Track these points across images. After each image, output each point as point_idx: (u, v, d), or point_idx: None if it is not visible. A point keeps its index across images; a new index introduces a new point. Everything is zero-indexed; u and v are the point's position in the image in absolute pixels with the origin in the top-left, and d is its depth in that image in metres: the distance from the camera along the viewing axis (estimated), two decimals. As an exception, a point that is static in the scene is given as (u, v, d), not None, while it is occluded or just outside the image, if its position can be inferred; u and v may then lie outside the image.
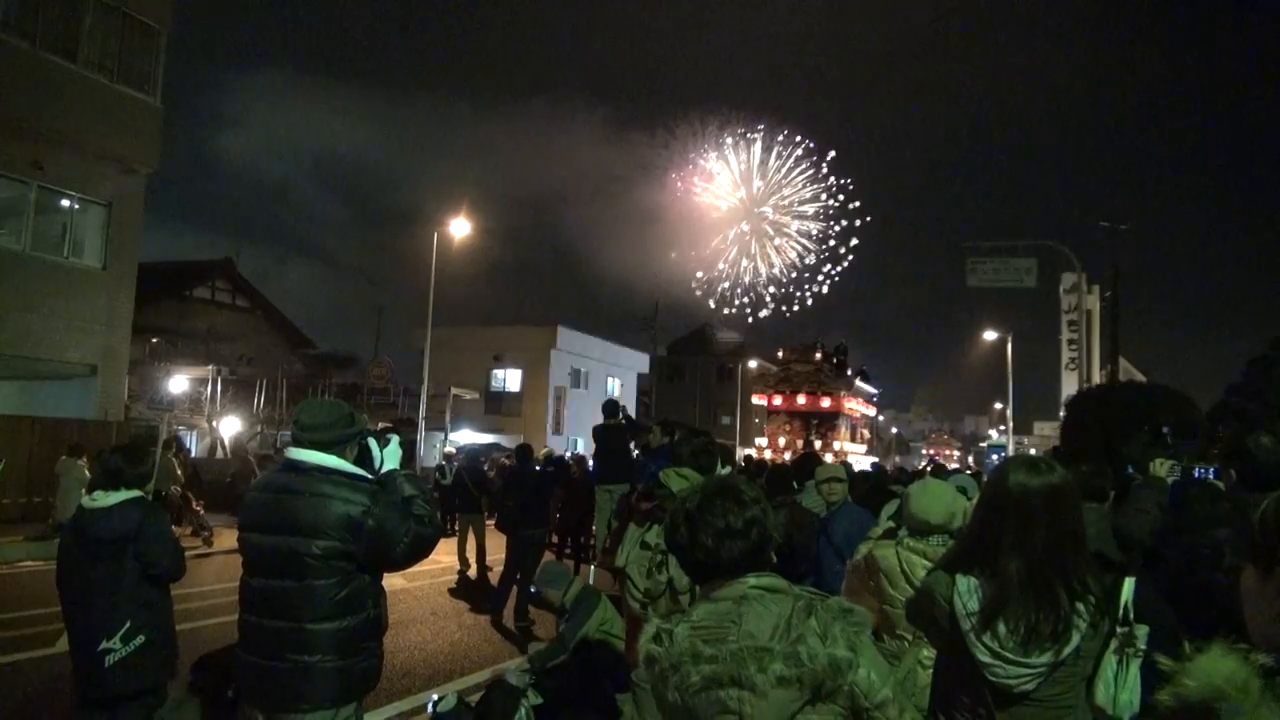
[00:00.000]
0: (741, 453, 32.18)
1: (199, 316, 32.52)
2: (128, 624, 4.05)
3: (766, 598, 2.00)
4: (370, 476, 3.28)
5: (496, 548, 11.78)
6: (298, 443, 3.22)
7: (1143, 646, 2.75)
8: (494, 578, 11.43)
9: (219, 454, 25.03)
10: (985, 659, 2.21)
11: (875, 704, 1.90)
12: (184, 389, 25.33)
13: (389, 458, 3.41)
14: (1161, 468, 4.43)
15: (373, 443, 3.42)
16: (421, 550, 3.19)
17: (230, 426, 26.48)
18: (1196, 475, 4.46)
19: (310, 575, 3.02)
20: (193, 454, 23.50)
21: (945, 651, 2.32)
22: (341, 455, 3.20)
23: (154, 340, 28.47)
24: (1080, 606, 2.22)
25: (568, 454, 19.92)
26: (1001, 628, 2.19)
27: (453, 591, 11.84)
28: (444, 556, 15.33)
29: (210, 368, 26.39)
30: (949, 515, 3.68)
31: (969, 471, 14.32)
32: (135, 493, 4.27)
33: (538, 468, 12.93)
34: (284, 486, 3.16)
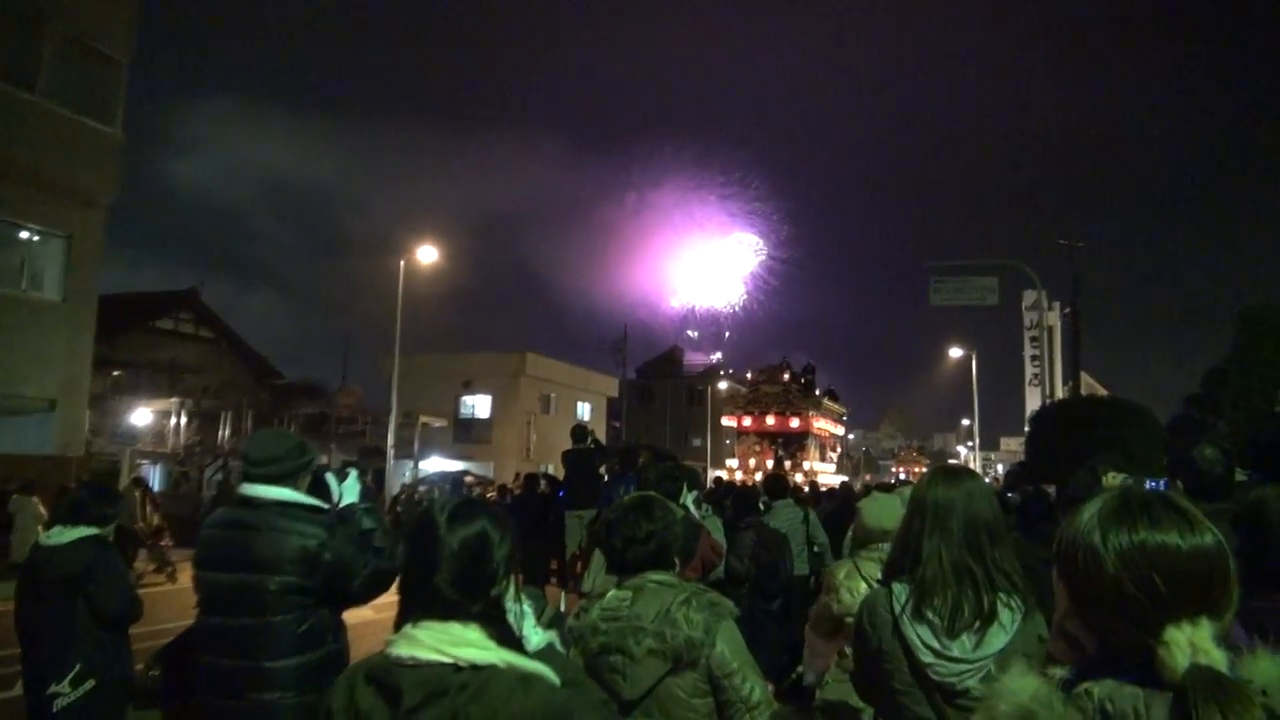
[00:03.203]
0: (712, 474, 32.20)
1: (163, 348, 32.06)
2: (78, 667, 3.92)
3: (658, 590, 2.59)
4: (326, 507, 3.26)
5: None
6: (250, 478, 3.18)
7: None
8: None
9: (183, 487, 24.65)
10: (927, 659, 2.28)
11: (725, 674, 2.49)
12: (147, 422, 24.96)
13: (347, 492, 3.39)
14: (1114, 480, 4.53)
15: (331, 478, 3.40)
16: (381, 584, 3.15)
17: (195, 460, 26.11)
18: (1149, 487, 4.55)
19: (268, 612, 2.99)
20: (155, 487, 23.13)
21: (887, 662, 2.38)
22: (295, 487, 3.19)
23: (116, 373, 28.02)
24: (1004, 597, 2.32)
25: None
26: (929, 614, 2.30)
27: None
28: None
29: (174, 400, 26.03)
30: (898, 519, 3.80)
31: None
32: (92, 530, 4.15)
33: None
34: (239, 522, 3.12)
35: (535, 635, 1.98)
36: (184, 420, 25.76)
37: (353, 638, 3.25)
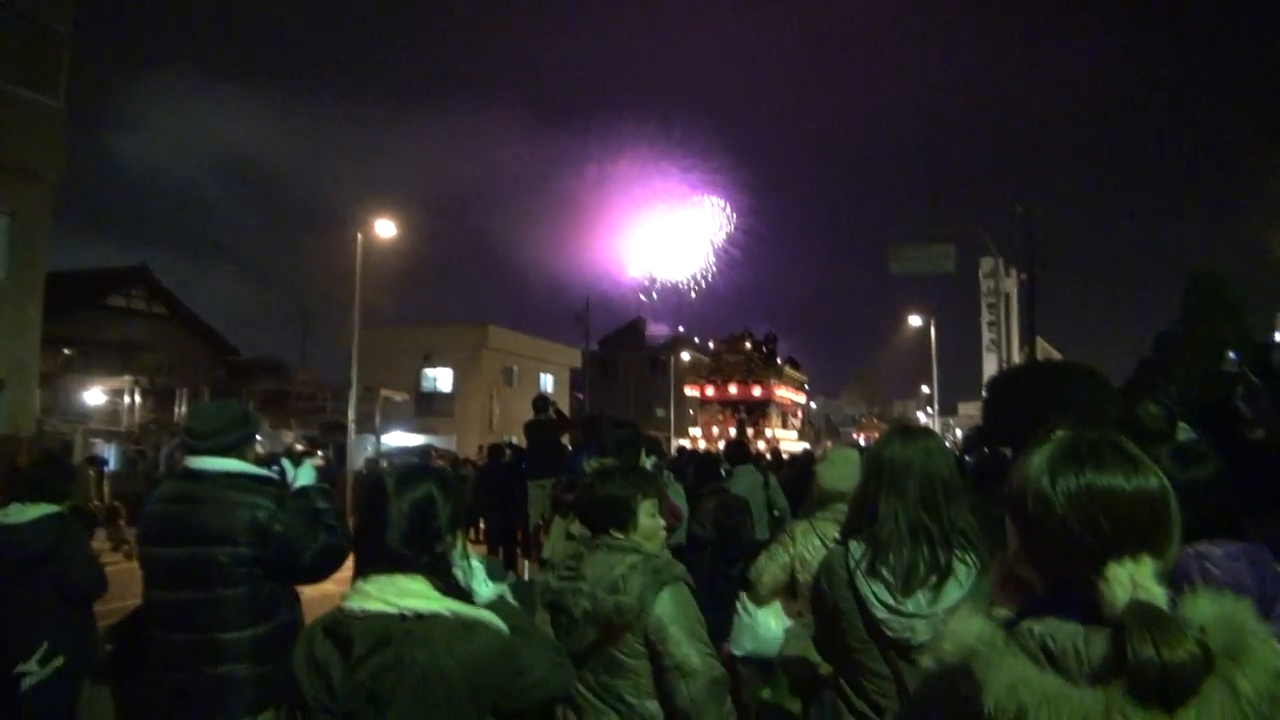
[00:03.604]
0: (676, 443, 32.37)
1: (114, 326, 31.40)
2: (45, 645, 3.88)
3: (609, 552, 2.67)
4: (275, 478, 3.24)
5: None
6: (194, 451, 3.14)
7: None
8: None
9: (139, 466, 24.28)
10: (881, 614, 2.31)
11: (659, 639, 2.52)
12: (100, 401, 24.50)
13: (302, 475, 3.37)
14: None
15: (286, 463, 3.39)
16: (330, 560, 3.13)
17: (151, 439, 25.70)
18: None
19: (219, 584, 2.96)
20: (110, 466, 22.77)
21: (843, 620, 2.41)
22: (241, 458, 3.15)
23: (67, 351, 27.44)
24: (960, 554, 2.35)
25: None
26: (884, 572, 2.32)
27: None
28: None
29: (127, 378, 25.55)
30: (845, 478, 3.89)
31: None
32: (53, 508, 4.07)
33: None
34: (186, 496, 3.08)
35: (485, 588, 2.04)
36: (138, 398, 25.32)
37: (316, 611, 3.23)
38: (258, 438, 3.40)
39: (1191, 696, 1.06)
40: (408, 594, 1.83)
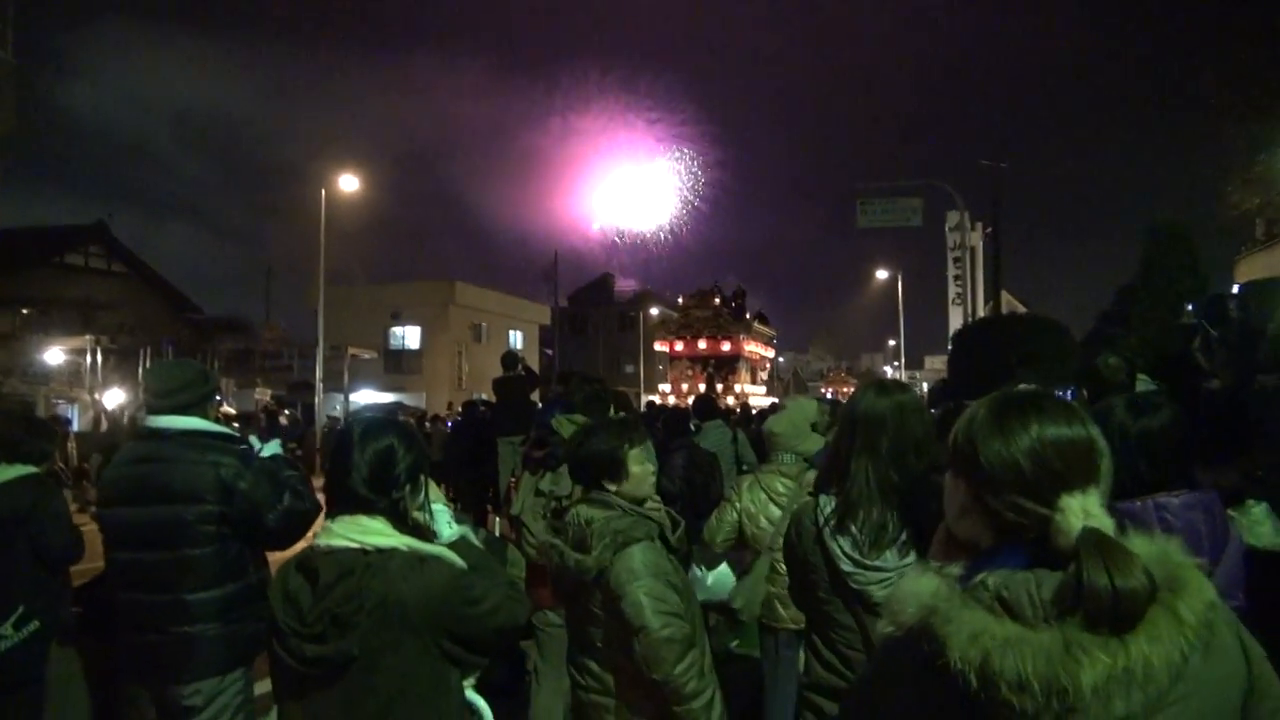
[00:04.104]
0: (645, 399, 32.47)
1: (73, 284, 30.78)
2: (20, 609, 3.83)
3: (588, 507, 2.77)
4: (237, 436, 3.22)
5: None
6: (155, 410, 3.10)
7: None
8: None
9: (103, 427, 23.97)
10: (847, 568, 2.34)
11: (617, 597, 2.61)
12: (60, 361, 24.08)
13: (268, 448, 3.36)
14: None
15: (254, 438, 3.39)
16: (294, 524, 3.12)
17: (114, 398, 25.35)
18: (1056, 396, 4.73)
19: (185, 544, 2.95)
20: (74, 428, 22.46)
21: (812, 572, 2.45)
22: (202, 416, 3.12)
23: (24, 311, 26.89)
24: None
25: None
26: (853, 529, 2.35)
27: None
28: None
29: (88, 338, 25.10)
30: (794, 429, 4.06)
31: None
32: (30, 469, 3.95)
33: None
34: (150, 455, 3.05)
35: (447, 529, 2.23)
36: (100, 358, 24.91)
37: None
38: (220, 397, 3.37)
39: (1139, 622, 1.14)
40: (370, 532, 2.03)
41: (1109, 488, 1.33)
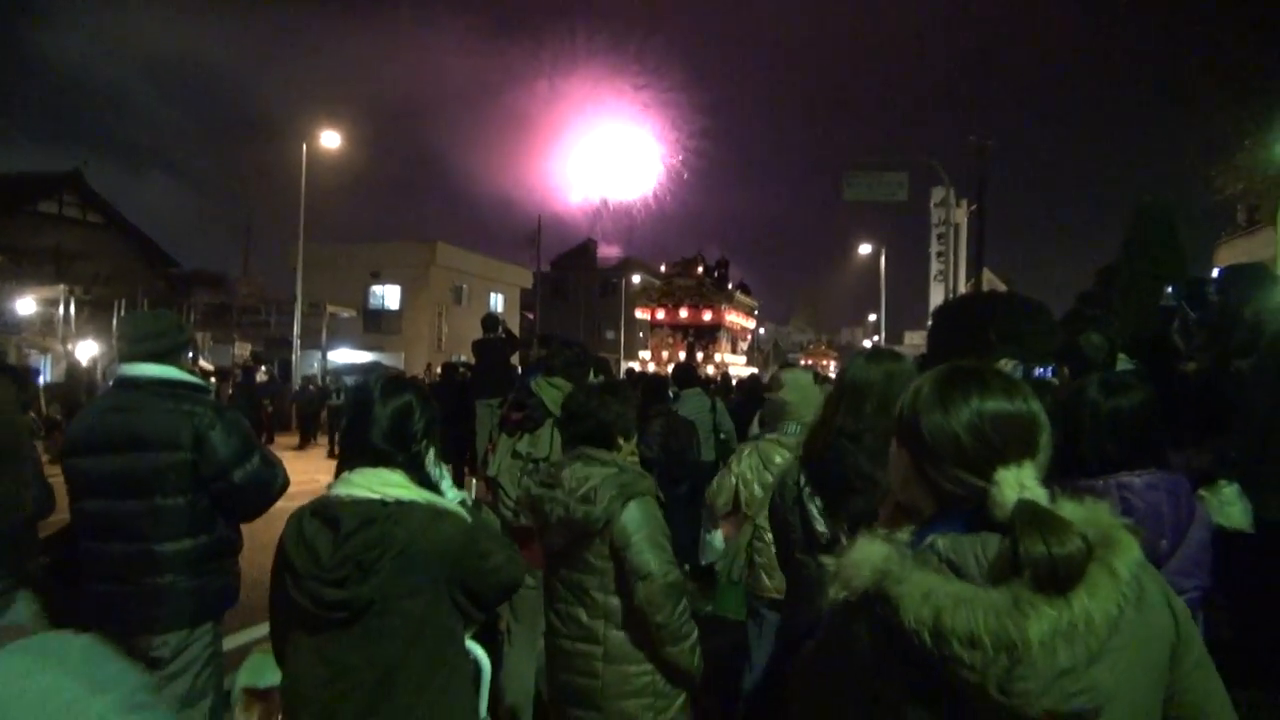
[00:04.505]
0: (625, 366, 32.48)
1: (46, 233, 30.27)
2: None
3: (587, 464, 2.89)
4: (210, 388, 3.18)
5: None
6: (130, 357, 3.05)
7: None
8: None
9: (74, 378, 23.71)
10: (821, 528, 2.37)
11: (622, 546, 2.75)
12: (33, 310, 23.74)
13: (452, 494, 3.41)
14: (1005, 367, 4.72)
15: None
16: (260, 490, 3.10)
17: (88, 349, 25.06)
18: (1036, 374, 4.76)
19: (156, 493, 2.91)
20: (46, 379, 22.20)
21: (790, 532, 2.47)
22: (177, 365, 3.08)
23: (-3, 259, 26.45)
24: None
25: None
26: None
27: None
28: (322, 475, 15.12)
29: (61, 287, 24.73)
30: (804, 399, 4.09)
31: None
32: None
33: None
34: (123, 405, 3.00)
35: (450, 493, 2.34)
36: (73, 309, 24.58)
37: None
38: (195, 351, 3.32)
39: (1079, 581, 1.21)
40: (389, 484, 2.13)
41: (1048, 460, 1.36)
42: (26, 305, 23.32)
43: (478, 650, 2.33)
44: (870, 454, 2.27)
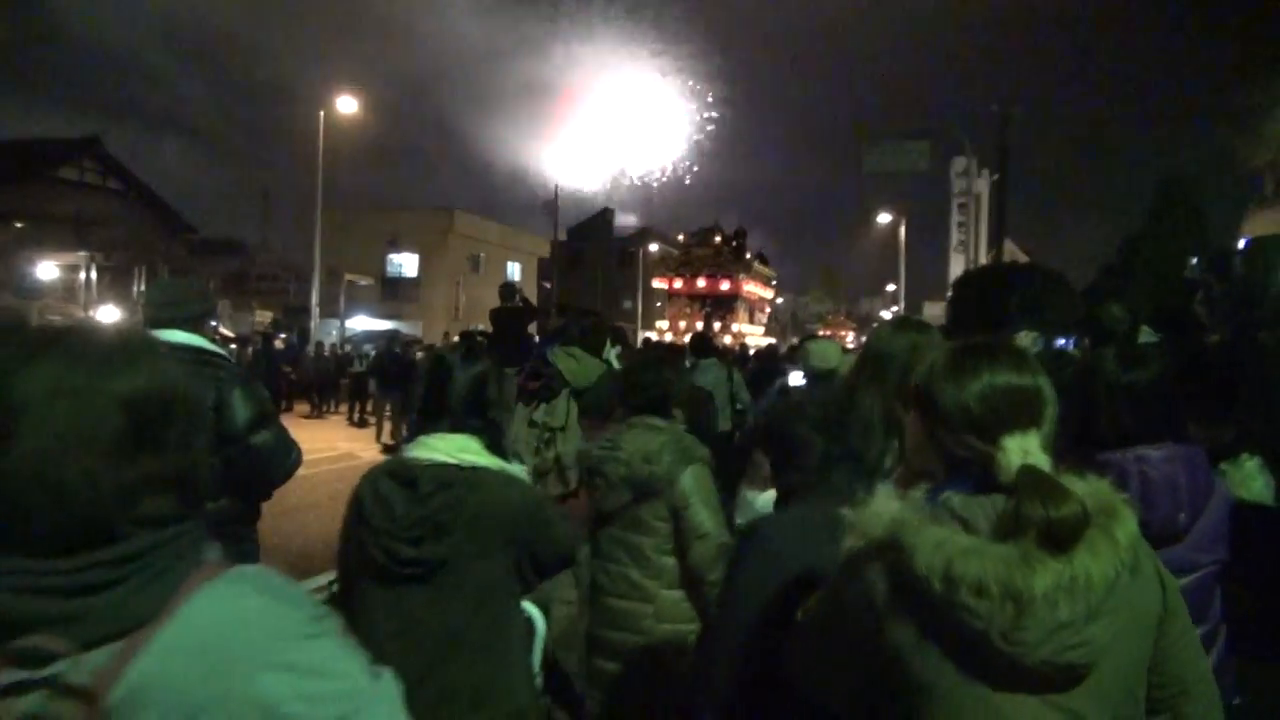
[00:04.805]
0: (642, 335, 32.47)
1: (66, 199, 30.38)
2: None
3: (646, 431, 3.08)
4: (231, 359, 3.22)
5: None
6: (157, 323, 3.06)
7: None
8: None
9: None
10: None
11: (681, 507, 2.93)
12: (54, 276, 23.93)
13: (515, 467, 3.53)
14: (1025, 339, 4.67)
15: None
16: (276, 459, 3.13)
17: (108, 315, 25.27)
18: (1058, 345, 4.71)
19: None
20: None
21: None
22: (201, 334, 3.10)
23: (18, 225, 26.61)
24: None
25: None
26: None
27: (355, 476, 11.85)
28: (341, 443, 15.25)
29: (82, 254, 24.90)
30: (840, 359, 4.50)
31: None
32: None
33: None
34: None
35: (514, 465, 2.46)
36: (94, 275, 24.77)
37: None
38: (216, 320, 3.37)
39: (1078, 542, 1.31)
40: (466, 450, 2.26)
41: (1053, 431, 1.47)
42: (48, 271, 23.51)
43: (532, 610, 2.43)
44: (814, 424, 2.25)
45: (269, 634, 1.09)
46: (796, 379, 7.19)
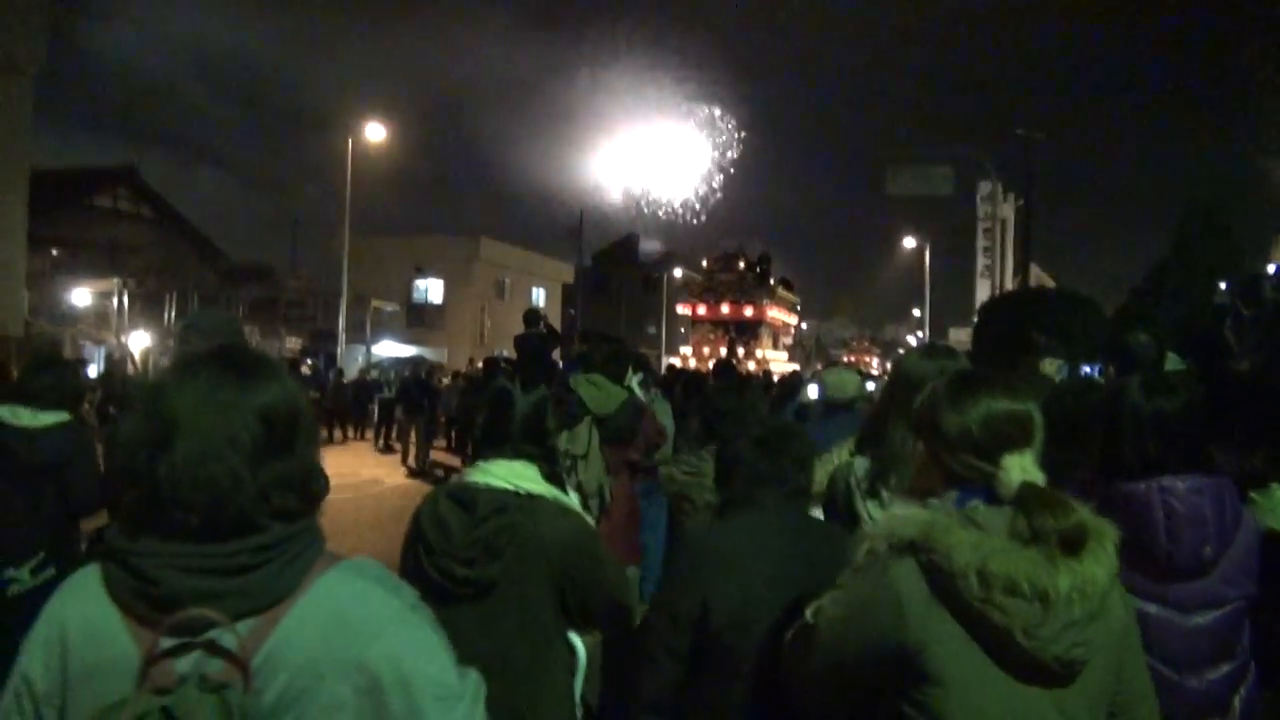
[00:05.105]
0: (667, 361, 32.45)
1: (101, 227, 30.98)
2: (41, 555, 3.81)
3: None
4: None
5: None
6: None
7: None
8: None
9: (129, 369, 24.25)
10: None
11: None
12: (88, 302, 24.33)
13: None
14: (1050, 366, 4.65)
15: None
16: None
17: (140, 341, 25.62)
18: (1083, 372, 4.68)
19: None
20: (100, 370, 22.73)
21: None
22: None
23: (54, 252, 27.12)
24: None
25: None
26: (884, 493, 2.35)
27: (378, 501, 11.87)
28: (365, 470, 15.33)
29: (115, 280, 25.29)
30: (858, 389, 4.52)
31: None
32: (65, 414, 3.92)
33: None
34: None
35: (571, 496, 2.56)
36: (126, 301, 25.14)
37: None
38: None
39: (1083, 548, 1.44)
40: (523, 477, 2.34)
41: (1041, 448, 1.62)
42: (82, 297, 23.90)
43: (576, 640, 2.45)
44: (754, 442, 2.48)
45: (379, 613, 1.28)
46: (811, 395, 7.23)
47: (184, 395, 1.26)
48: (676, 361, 29.39)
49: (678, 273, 48.53)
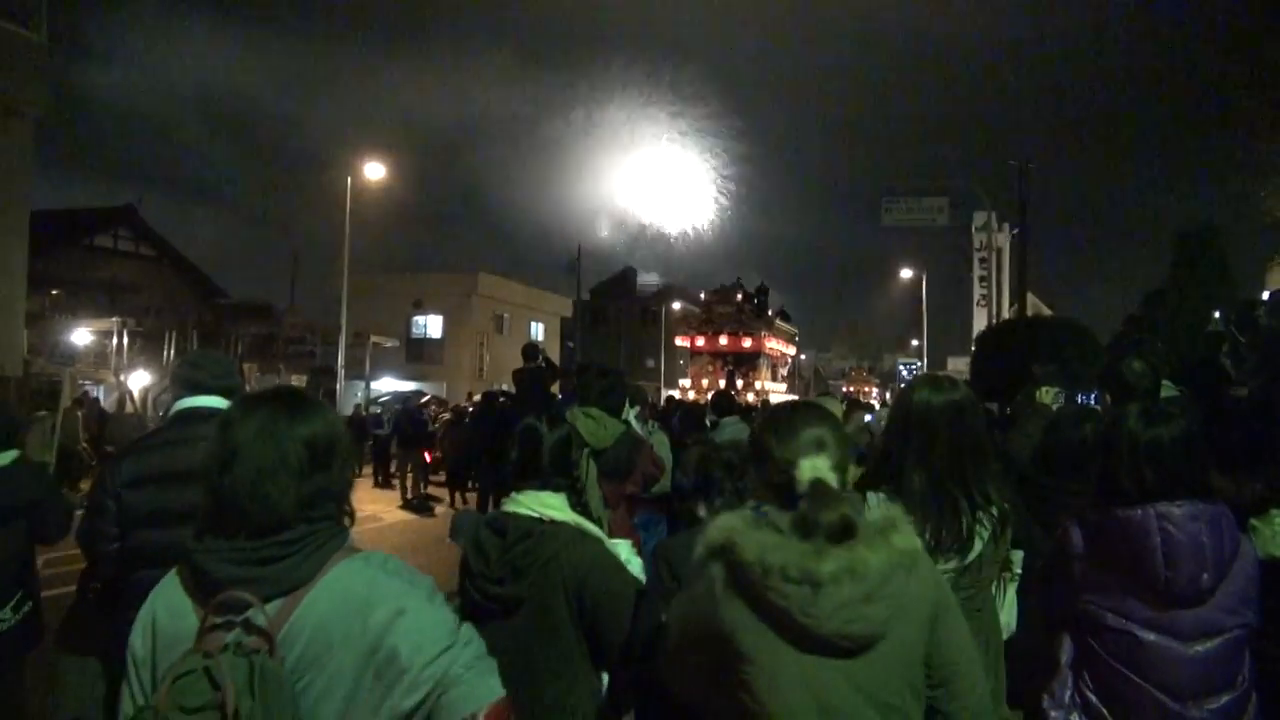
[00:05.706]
0: (665, 393, 32.41)
1: (101, 266, 31.09)
2: (19, 593, 3.80)
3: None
4: None
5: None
6: (203, 389, 3.15)
7: (1018, 570, 2.92)
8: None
9: (128, 408, 24.21)
10: None
11: None
12: (88, 341, 24.34)
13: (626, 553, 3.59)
14: (1047, 395, 4.66)
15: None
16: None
17: (139, 380, 25.59)
18: (1080, 400, 4.69)
19: None
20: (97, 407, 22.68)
21: None
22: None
23: (54, 292, 27.16)
24: (982, 516, 2.39)
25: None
26: None
27: (379, 536, 11.83)
28: (366, 505, 15.27)
29: (115, 320, 25.32)
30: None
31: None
32: (16, 451, 3.92)
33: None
34: (189, 437, 2.96)
35: (632, 558, 2.75)
36: (125, 340, 25.15)
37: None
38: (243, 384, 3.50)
39: (855, 538, 1.68)
40: (548, 505, 2.56)
41: (837, 454, 1.86)
42: (82, 336, 23.91)
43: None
44: (723, 465, 3.04)
45: (380, 592, 1.60)
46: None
47: (242, 428, 1.61)
48: (676, 393, 29.38)
49: (676, 305, 48.65)
